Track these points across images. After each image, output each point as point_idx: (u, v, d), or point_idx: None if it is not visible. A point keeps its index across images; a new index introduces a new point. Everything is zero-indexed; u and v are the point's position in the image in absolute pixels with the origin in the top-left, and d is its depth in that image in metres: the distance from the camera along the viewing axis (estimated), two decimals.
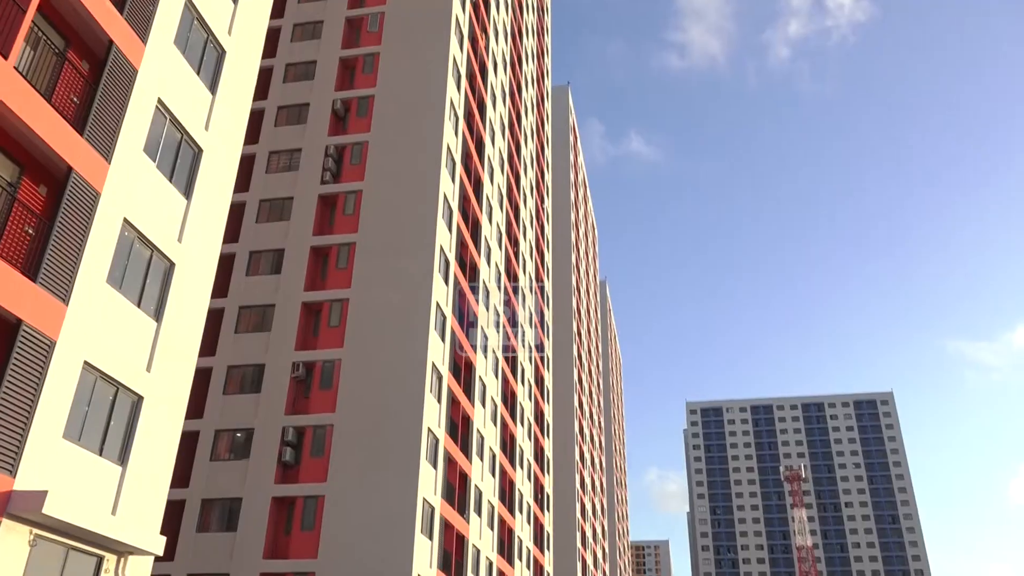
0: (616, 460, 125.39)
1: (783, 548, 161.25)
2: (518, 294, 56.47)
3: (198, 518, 31.21)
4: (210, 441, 32.66)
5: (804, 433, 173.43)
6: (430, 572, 31.59)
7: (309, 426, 32.55)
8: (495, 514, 44.01)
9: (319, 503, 30.95)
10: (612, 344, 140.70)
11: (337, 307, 34.91)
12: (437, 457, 33.65)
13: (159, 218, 16.77)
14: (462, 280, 40.13)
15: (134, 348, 15.82)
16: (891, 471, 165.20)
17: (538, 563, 56.66)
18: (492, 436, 44.67)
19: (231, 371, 34.15)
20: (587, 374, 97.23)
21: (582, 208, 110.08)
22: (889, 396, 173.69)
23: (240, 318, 35.33)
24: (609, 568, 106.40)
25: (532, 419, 58.26)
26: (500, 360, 48.52)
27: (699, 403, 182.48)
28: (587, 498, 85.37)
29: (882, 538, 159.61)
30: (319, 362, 33.82)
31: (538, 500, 58.54)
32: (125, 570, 15.11)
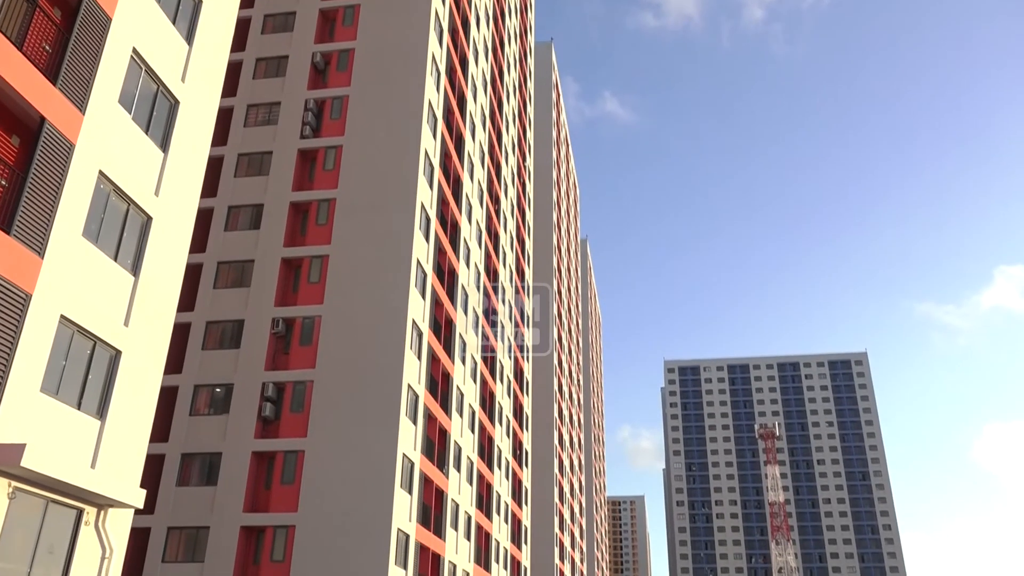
0: (594, 417, 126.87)
1: (756, 504, 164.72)
2: (499, 251, 56.42)
3: (178, 472, 31.36)
4: (189, 396, 32.66)
5: (779, 392, 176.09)
6: (409, 526, 32.02)
7: (289, 382, 32.61)
8: (474, 469, 44.53)
9: (299, 458, 31.16)
10: (592, 303, 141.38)
11: (317, 263, 34.75)
12: (417, 413, 33.89)
13: (135, 171, 16.53)
14: (443, 237, 40.01)
15: (111, 302, 15.71)
16: (863, 430, 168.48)
17: (516, 517, 57.55)
18: (472, 393, 44.99)
19: (210, 326, 34.02)
20: (567, 332, 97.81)
21: (564, 166, 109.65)
22: (863, 356, 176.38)
23: (219, 273, 35.10)
24: (586, 522, 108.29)
25: (512, 376, 58.66)
26: (480, 318, 48.65)
27: (677, 362, 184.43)
28: (565, 454, 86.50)
29: (852, 494, 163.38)
30: (299, 318, 33.77)
31: (517, 456, 59.25)
32: (105, 523, 15.19)
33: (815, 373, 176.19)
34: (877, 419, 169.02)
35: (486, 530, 47.02)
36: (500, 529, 51.17)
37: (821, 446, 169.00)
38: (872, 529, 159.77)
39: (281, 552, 29.83)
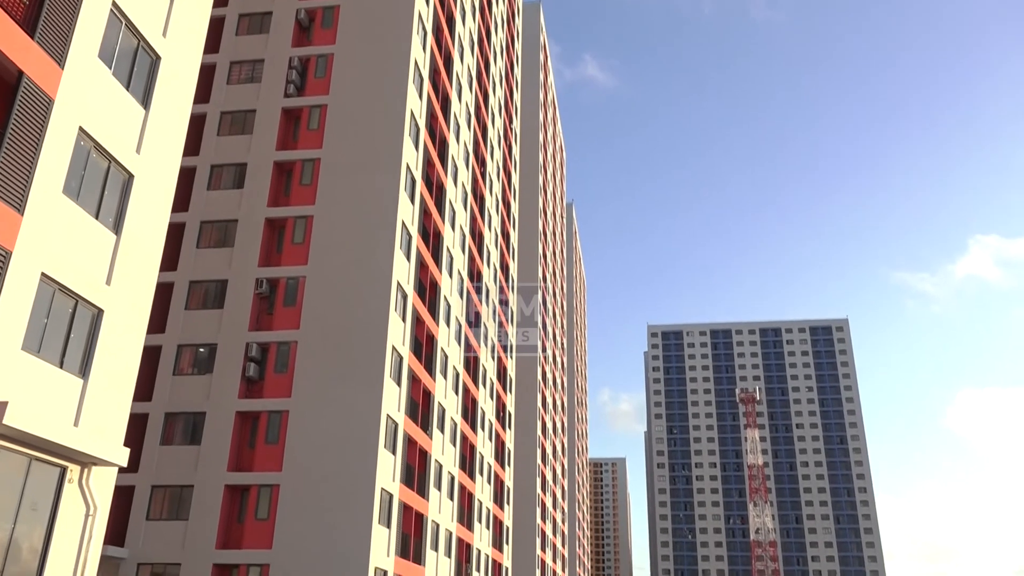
0: (577, 380, 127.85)
1: (735, 467, 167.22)
2: (484, 214, 56.25)
3: (162, 431, 31.42)
4: (173, 356, 32.60)
5: (761, 357, 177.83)
6: (393, 485, 32.32)
7: (273, 342, 32.60)
8: (458, 431, 44.88)
9: (283, 418, 31.28)
10: (577, 267, 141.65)
11: (301, 224, 34.55)
12: (401, 375, 34.02)
13: (116, 128, 16.29)
14: (428, 199, 39.82)
15: (93, 261, 15.57)
16: (842, 395, 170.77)
17: (499, 478, 58.19)
18: (456, 355, 45.15)
19: (193, 286, 33.86)
20: (551, 296, 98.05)
21: (551, 129, 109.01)
22: (844, 323, 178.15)
23: (202, 233, 34.84)
24: (567, 484, 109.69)
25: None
26: (465, 280, 48.65)
27: (660, 326, 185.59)
28: (548, 416, 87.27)
29: (829, 458, 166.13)
30: (283, 279, 33.64)
31: (500, 418, 59.72)
32: (89, 481, 15.23)
33: (796, 339, 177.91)
34: (856, 384, 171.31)
35: (469, 490, 47.54)
36: (483, 489, 51.75)
37: (800, 410, 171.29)
38: (848, 492, 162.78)
39: (266, 510, 30.07)
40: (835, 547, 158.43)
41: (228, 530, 30.23)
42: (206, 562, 29.17)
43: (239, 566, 29.64)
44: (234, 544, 29.91)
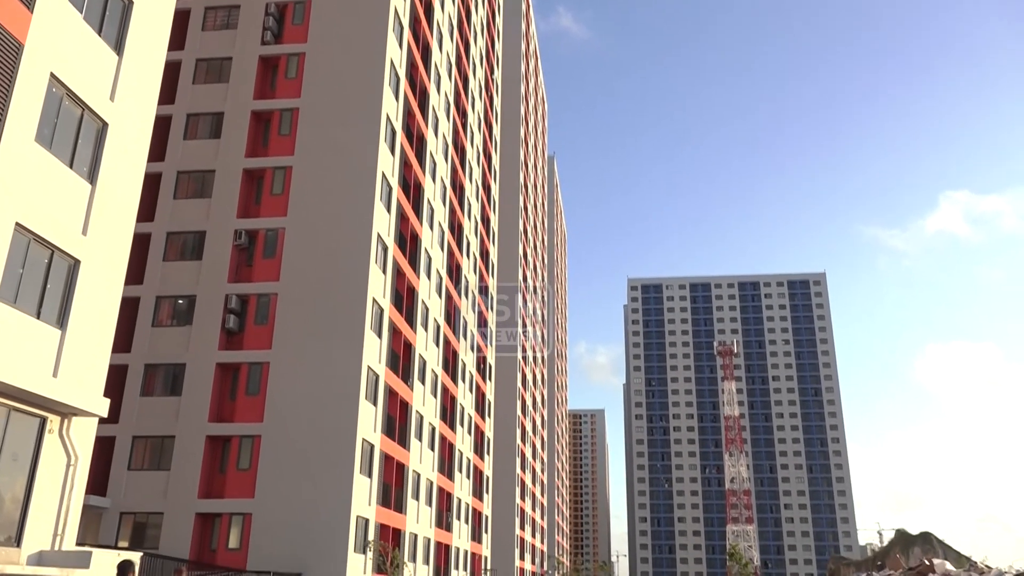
0: (557, 332, 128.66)
1: (712, 418, 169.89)
2: (465, 167, 55.87)
3: (142, 382, 31.39)
4: (151, 307, 32.42)
5: (739, 311, 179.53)
6: (374, 436, 32.60)
7: (253, 294, 32.46)
8: (438, 382, 45.18)
9: (264, 369, 31.32)
10: (558, 220, 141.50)
11: (280, 175, 34.17)
12: (382, 327, 34.07)
13: (89, 74, 15.93)
14: (408, 150, 39.45)
15: (68, 211, 15.36)
16: (817, 348, 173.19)
17: (479, 429, 58.84)
18: (437, 307, 45.24)
19: (171, 238, 33.54)
20: (532, 249, 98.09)
21: (532, 80, 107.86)
22: (821, 277, 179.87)
23: (179, 184, 34.39)
24: (547, 434, 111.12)
25: (476, 292, 58.98)
26: (446, 232, 48.51)
27: (640, 279, 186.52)
28: (528, 368, 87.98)
29: (804, 409, 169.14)
30: (262, 230, 33.38)
31: (480, 370, 60.14)
32: (69, 431, 15.25)
33: (774, 292, 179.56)
34: (832, 337, 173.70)
35: (450, 441, 48.07)
36: (463, 440, 52.34)
37: (777, 363, 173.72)
38: (821, 442, 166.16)
39: (247, 460, 30.28)
40: (807, 495, 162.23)
41: (210, 480, 30.45)
42: (188, 511, 29.43)
43: (221, 515, 29.93)
44: (216, 494, 30.17)
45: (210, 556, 29.27)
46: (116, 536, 29.13)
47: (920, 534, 40.78)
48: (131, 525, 29.72)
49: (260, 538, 28.79)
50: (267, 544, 28.49)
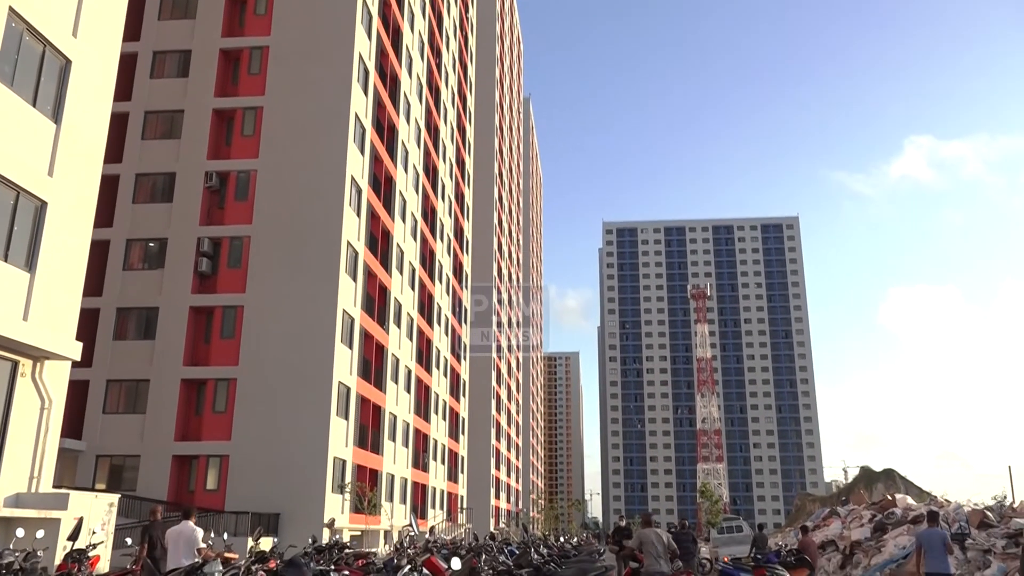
0: (532, 277, 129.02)
1: (684, 360, 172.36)
2: (440, 108, 55.10)
3: (114, 326, 31.14)
4: (122, 250, 31.98)
5: (713, 254, 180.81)
6: (350, 379, 32.75)
7: (225, 237, 32.12)
8: (414, 326, 45.28)
9: (238, 313, 31.18)
10: (533, 163, 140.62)
11: (251, 115, 33.51)
12: (357, 270, 33.94)
13: (50, 9, 15.39)
14: (382, 91, 38.78)
15: (33, 151, 15.00)
16: (789, 291, 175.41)
17: (455, 371, 59.27)
18: (412, 251, 45.08)
19: (140, 179, 32.93)
20: (507, 192, 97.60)
21: (508, 19, 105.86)
22: (795, 221, 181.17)
23: (146, 124, 33.63)
24: (522, 376, 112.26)
25: (452, 235, 58.78)
26: (421, 175, 48.06)
27: (615, 223, 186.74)
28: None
29: (774, 351, 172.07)
30: (233, 172, 32.87)
31: (456, 313, 60.30)
32: (42, 375, 15.15)
33: (748, 236, 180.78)
34: (803, 281, 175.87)
35: (426, 383, 48.41)
36: (439, 382, 52.74)
37: (749, 306, 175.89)
38: (790, 383, 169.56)
39: (223, 403, 30.35)
40: (776, 435, 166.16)
41: (186, 423, 30.52)
42: (165, 454, 29.55)
43: (198, 457, 30.10)
44: (193, 436, 30.28)
45: (188, 497, 29.49)
46: (93, 479, 29.23)
47: (883, 471, 42.05)
48: (107, 468, 29.81)
49: (237, 479, 29.04)
50: (245, 485, 28.75)
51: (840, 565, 22.35)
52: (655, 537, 11.12)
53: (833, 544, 23.97)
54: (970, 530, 18.66)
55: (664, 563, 10.93)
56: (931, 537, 12.85)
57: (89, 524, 15.04)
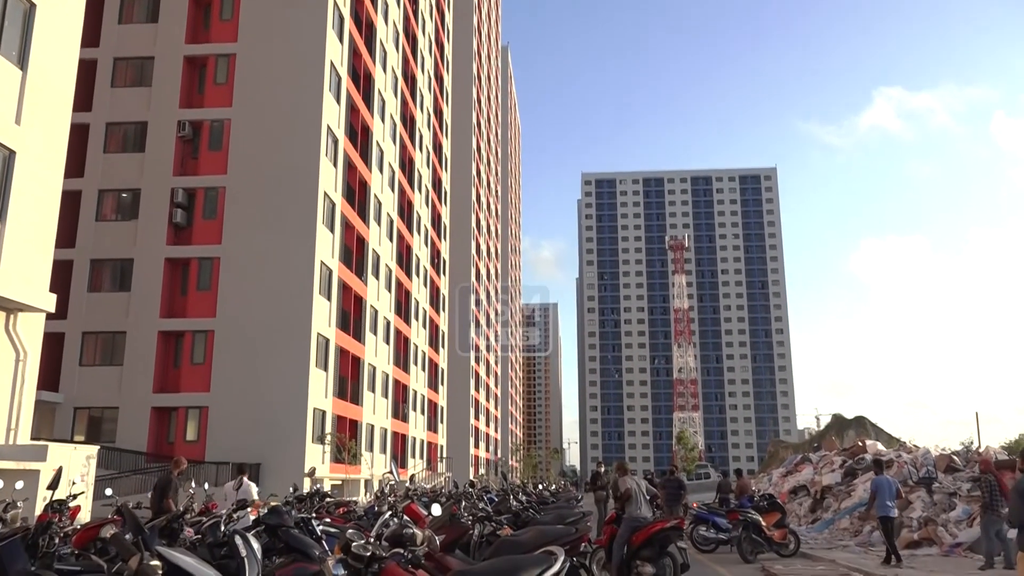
0: (511, 227, 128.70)
1: (662, 311, 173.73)
2: (417, 57, 54.20)
3: (88, 278, 30.81)
4: (94, 201, 31.48)
5: (691, 205, 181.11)
6: (329, 330, 32.73)
7: (200, 188, 31.69)
8: (393, 277, 45.18)
9: (214, 264, 30.93)
10: (512, 113, 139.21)
11: (223, 62, 32.80)
12: (334, 221, 33.68)
13: None
14: (357, 38, 38.04)
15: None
16: (766, 242, 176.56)
17: (433, 322, 59.38)
18: (390, 202, 44.74)
19: (111, 128, 32.27)
20: (486, 142, 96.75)
21: None
22: (772, 172, 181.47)
23: (116, 71, 32.83)
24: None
25: (430, 186, 58.35)
26: (398, 125, 47.47)
27: (593, 174, 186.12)
28: (482, 263, 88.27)
29: (751, 301, 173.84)
30: (206, 121, 32.29)
31: (435, 264, 60.19)
32: (16, 327, 15.00)
33: (726, 187, 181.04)
34: (780, 232, 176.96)
35: (405, 335, 48.51)
36: (418, 334, 52.86)
37: (726, 257, 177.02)
38: (766, 333, 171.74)
39: (202, 355, 30.28)
40: (751, 384, 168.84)
41: (164, 375, 30.46)
42: (144, 406, 29.53)
43: (177, 409, 30.12)
44: (171, 388, 30.24)
45: (168, 448, 29.56)
46: (72, 430, 29.20)
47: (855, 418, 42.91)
48: (86, 420, 29.77)
49: (217, 430, 29.13)
50: (225, 436, 28.84)
51: (811, 509, 22.94)
52: (636, 484, 11.39)
53: (805, 489, 24.57)
54: (937, 474, 19.19)
55: (646, 508, 11.20)
56: (883, 484, 14.14)
57: (69, 475, 15.06)
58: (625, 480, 11.46)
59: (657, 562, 10.46)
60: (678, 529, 10.82)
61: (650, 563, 10.47)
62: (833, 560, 14.79)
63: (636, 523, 10.78)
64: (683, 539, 11.60)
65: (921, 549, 15.99)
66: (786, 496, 24.46)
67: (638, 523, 10.78)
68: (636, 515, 10.89)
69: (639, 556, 10.53)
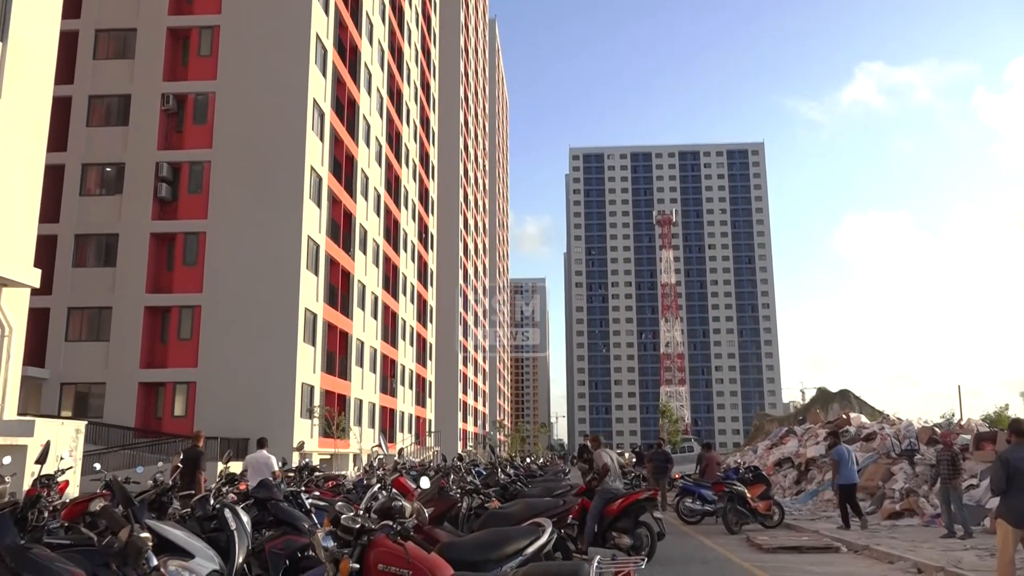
0: (499, 202, 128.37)
1: (649, 285, 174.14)
2: (403, 29, 53.67)
3: (73, 253, 30.58)
4: (78, 175, 31.18)
5: (679, 180, 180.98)
6: (317, 305, 32.67)
7: (185, 162, 31.42)
8: (380, 252, 45.06)
9: (200, 239, 30.75)
10: (499, 87, 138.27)
11: (207, 35, 32.39)
12: (321, 196, 33.50)
13: None
14: (343, 10, 37.61)
15: None
16: (753, 217, 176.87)
17: (422, 298, 59.36)
18: (377, 176, 44.50)
19: (93, 102, 31.88)
20: (473, 117, 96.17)
21: None
22: (760, 147, 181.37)
23: (98, 43, 32.37)
24: (489, 302, 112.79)
25: (417, 160, 58.04)
26: (385, 98, 47.10)
27: (582, 149, 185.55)
28: (470, 238, 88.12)
29: (737, 276, 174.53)
30: (191, 94, 31.94)
31: (422, 239, 60.04)
32: (0, 302, 14.90)
33: (713, 162, 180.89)
34: (767, 207, 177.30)
35: (393, 309, 48.49)
36: (406, 309, 52.85)
37: (713, 232, 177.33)
38: (752, 308, 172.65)
39: (189, 331, 30.19)
40: (737, 358, 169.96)
41: (151, 350, 30.37)
42: (131, 381, 29.46)
43: (165, 384, 30.08)
44: (159, 363, 30.17)
45: (156, 424, 29.58)
46: (59, 406, 29.12)
47: (839, 391, 43.26)
48: (73, 395, 29.70)
49: (205, 405, 29.12)
50: (213, 411, 28.82)
51: (796, 480, 23.24)
52: (611, 457, 11.56)
53: (789, 461, 24.87)
54: (919, 446, 19.45)
55: (619, 481, 11.36)
56: (844, 453, 15.54)
57: (56, 451, 15.05)
58: (601, 454, 11.60)
59: (633, 532, 10.59)
60: (652, 500, 10.96)
61: (627, 534, 10.59)
62: (817, 531, 15.02)
63: (609, 495, 10.91)
64: (658, 509, 11.78)
65: (903, 519, 16.25)
66: (771, 468, 24.77)
67: (611, 495, 10.91)
68: (609, 487, 11.04)
69: (615, 527, 10.65)
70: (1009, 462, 7.92)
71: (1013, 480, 7.85)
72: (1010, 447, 8.38)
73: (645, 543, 10.60)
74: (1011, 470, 7.87)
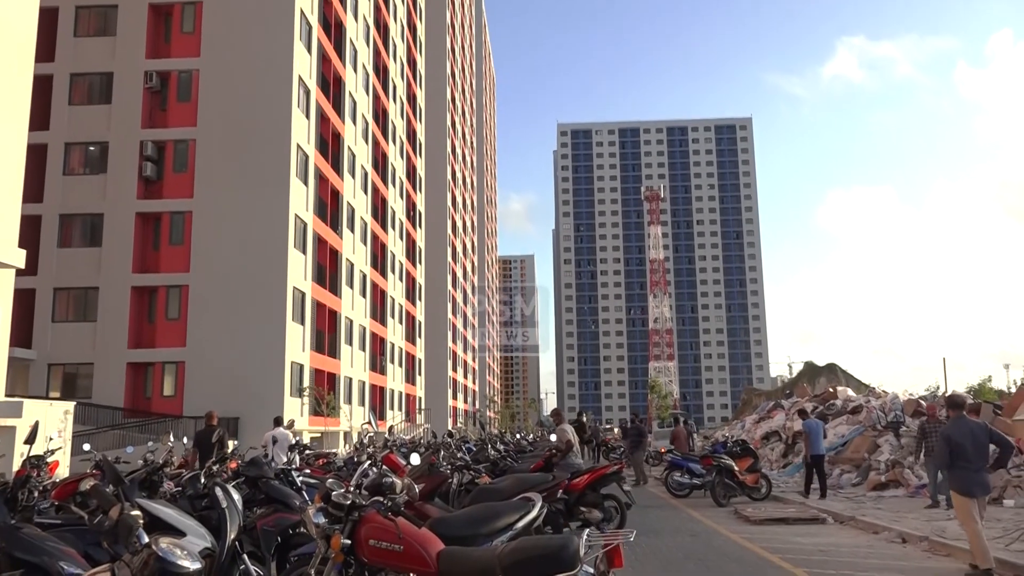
0: (487, 179, 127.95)
1: (638, 261, 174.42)
2: (389, 5, 53.12)
3: (58, 233, 30.34)
4: (61, 154, 30.85)
5: (667, 155, 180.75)
6: (305, 284, 32.59)
7: (169, 140, 31.14)
8: (368, 230, 44.90)
9: (187, 219, 30.56)
10: (486, 63, 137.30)
11: (190, 10, 31.98)
12: (308, 174, 33.30)
13: None
14: None
15: None
16: (741, 192, 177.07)
17: (410, 276, 59.27)
18: (364, 154, 44.24)
19: (75, 79, 31.48)
20: (460, 93, 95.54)
21: None
22: (748, 122, 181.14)
23: (78, 19, 31.92)
24: (477, 280, 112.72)
25: (404, 137, 57.69)
26: (371, 75, 46.71)
27: (569, 125, 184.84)
28: (458, 215, 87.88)
29: (725, 252, 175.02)
30: (174, 72, 31.58)
31: (410, 217, 59.83)
32: None
33: (701, 137, 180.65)
34: (755, 182, 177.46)
35: (381, 288, 48.41)
36: (395, 287, 52.78)
37: (702, 207, 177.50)
38: (740, 283, 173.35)
39: (176, 310, 30.08)
40: (725, 333, 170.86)
41: (139, 330, 30.26)
42: (119, 361, 29.37)
43: (154, 364, 30.01)
44: (147, 343, 30.08)
45: (145, 403, 29.55)
46: (47, 387, 29.03)
47: (826, 365, 43.65)
48: (60, 376, 29.60)
49: (194, 385, 29.09)
50: (202, 391, 28.80)
51: (783, 453, 23.47)
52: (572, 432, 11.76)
53: (777, 434, 25.10)
54: (905, 418, 19.67)
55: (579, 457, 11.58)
56: (814, 426, 16.25)
57: (45, 432, 15.02)
58: (564, 430, 11.75)
59: (602, 506, 10.70)
60: (617, 473, 11.06)
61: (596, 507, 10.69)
62: (803, 503, 15.21)
63: (572, 468, 11.03)
64: (624, 482, 11.98)
65: (888, 490, 16.46)
66: (759, 442, 25.01)
67: (574, 468, 11.03)
68: (572, 462, 11.19)
69: (582, 502, 10.74)
70: (951, 438, 8.22)
71: (956, 454, 8.14)
72: (950, 422, 8.62)
73: (614, 516, 10.71)
74: (952, 445, 8.18)
